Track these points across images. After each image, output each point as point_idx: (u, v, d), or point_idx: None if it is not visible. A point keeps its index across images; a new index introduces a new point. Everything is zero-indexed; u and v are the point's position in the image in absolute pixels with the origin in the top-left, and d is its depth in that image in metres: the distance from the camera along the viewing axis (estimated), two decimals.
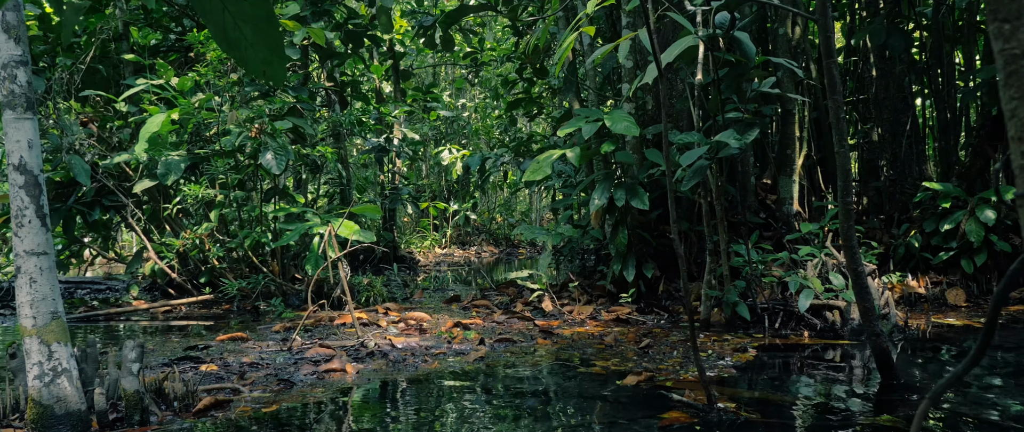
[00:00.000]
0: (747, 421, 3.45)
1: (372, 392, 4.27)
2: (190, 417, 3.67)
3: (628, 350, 5.27)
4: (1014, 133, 1.32)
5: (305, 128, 8.43)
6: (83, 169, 7.67)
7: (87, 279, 10.22)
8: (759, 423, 3.43)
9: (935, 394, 1.67)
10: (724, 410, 3.60)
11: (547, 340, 5.78)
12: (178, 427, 3.52)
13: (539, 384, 4.34)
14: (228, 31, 2.10)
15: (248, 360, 5.05)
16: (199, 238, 8.03)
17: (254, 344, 5.70)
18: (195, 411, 3.72)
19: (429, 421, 3.59)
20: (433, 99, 15.26)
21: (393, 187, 13.70)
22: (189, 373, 4.63)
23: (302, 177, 11.39)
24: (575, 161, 6.89)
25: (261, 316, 7.44)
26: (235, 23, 2.12)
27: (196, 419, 3.64)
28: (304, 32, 8.46)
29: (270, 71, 2.17)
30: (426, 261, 15.47)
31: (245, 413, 3.77)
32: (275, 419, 3.68)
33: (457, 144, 20.36)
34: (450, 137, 21.01)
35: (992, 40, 1.36)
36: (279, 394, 4.17)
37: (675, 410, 3.64)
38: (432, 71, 22.51)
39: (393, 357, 5.16)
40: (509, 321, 6.76)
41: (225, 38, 2.12)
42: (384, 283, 9.29)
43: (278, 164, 7.61)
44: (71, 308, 8.34)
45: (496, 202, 23.63)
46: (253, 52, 2.17)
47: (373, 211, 8.10)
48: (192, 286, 8.52)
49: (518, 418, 3.62)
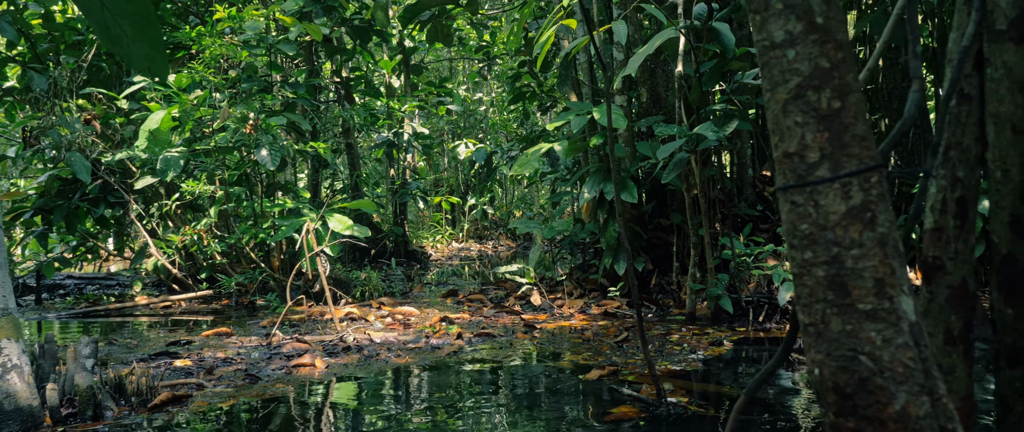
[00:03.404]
0: (694, 415, 3.41)
1: (332, 387, 4.28)
2: (145, 412, 3.71)
3: (604, 344, 5.23)
4: (771, 125, 1.27)
5: (301, 124, 8.48)
6: (84, 166, 7.80)
7: (98, 275, 10.42)
8: (706, 417, 3.38)
9: (750, 390, 1.62)
10: (675, 404, 3.55)
11: (527, 335, 5.76)
12: (130, 422, 3.56)
13: (502, 378, 4.32)
14: (110, 28, 2.10)
15: (224, 355, 5.10)
16: (198, 234, 8.13)
17: (237, 339, 5.75)
18: (151, 406, 3.76)
19: (370, 414, 3.59)
20: (445, 93, 15.27)
21: (403, 182, 13.75)
22: (161, 368, 4.70)
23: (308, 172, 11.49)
24: (563, 155, 6.84)
25: (257, 311, 7.52)
26: (115, 20, 2.12)
27: (151, 414, 3.69)
28: (300, 28, 8.50)
29: (154, 67, 2.17)
30: (440, 255, 15.51)
31: (201, 408, 3.81)
32: (228, 414, 3.71)
33: (474, 138, 20.36)
34: (467, 131, 21.02)
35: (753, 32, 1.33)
36: (241, 389, 4.21)
37: (625, 404, 3.60)
38: (449, 65, 22.50)
39: (368, 352, 5.18)
40: (497, 316, 6.75)
41: (107, 35, 2.13)
42: (383, 278, 9.34)
43: (273, 160, 7.67)
44: (76, 304, 8.51)
45: (514, 196, 23.59)
46: (135, 48, 2.18)
47: (368, 206, 8.12)
48: (194, 282, 8.63)
49: (464, 413, 3.60)
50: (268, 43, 8.28)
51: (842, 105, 1.28)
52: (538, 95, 13.27)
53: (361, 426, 3.47)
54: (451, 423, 3.45)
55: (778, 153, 1.32)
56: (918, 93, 1.53)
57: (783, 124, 1.31)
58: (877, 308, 1.23)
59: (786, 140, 1.31)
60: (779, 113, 1.32)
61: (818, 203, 1.29)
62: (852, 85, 1.30)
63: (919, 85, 1.56)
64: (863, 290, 1.24)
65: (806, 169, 1.30)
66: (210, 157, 7.78)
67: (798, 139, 1.30)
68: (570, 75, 9.16)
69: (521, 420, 3.46)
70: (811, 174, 1.29)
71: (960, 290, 1.69)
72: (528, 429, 3.33)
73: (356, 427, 3.45)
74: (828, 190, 1.27)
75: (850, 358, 1.22)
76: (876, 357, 1.22)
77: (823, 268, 1.27)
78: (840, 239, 1.26)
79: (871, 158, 1.28)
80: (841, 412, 1.27)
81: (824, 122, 1.28)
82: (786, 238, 1.37)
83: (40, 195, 8.33)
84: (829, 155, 1.28)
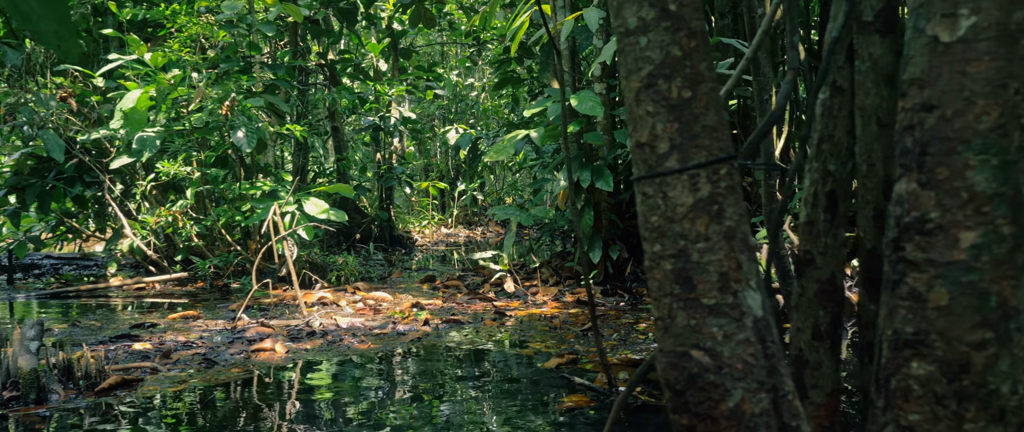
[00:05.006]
0: (645, 404, 3.36)
1: (287, 372, 4.23)
2: (91, 396, 3.65)
3: (570, 332, 5.18)
4: (627, 114, 1.21)
5: (280, 105, 8.39)
6: (58, 145, 7.71)
7: (74, 256, 10.35)
8: (655, 406, 3.33)
9: (625, 394, 1.57)
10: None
11: (495, 321, 5.71)
12: (75, 406, 3.51)
13: (460, 365, 4.27)
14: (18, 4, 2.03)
15: (186, 338, 5.05)
16: (174, 216, 8.05)
17: (203, 322, 5.69)
18: (98, 390, 3.70)
19: (317, 401, 3.54)
20: (434, 78, 15.15)
21: (389, 166, 13.66)
22: (119, 351, 4.64)
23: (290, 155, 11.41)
24: (539, 141, 6.77)
25: (231, 295, 7.45)
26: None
27: (97, 398, 3.63)
28: (280, 7, 8.39)
29: (64, 45, 2.10)
30: (426, 241, 15.44)
31: (150, 392, 3.75)
32: (176, 398, 3.65)
33: (465, 124, 20.26)
34: (459, 117, 20.92)
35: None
36: (195, 373, 4.15)
37: (578, 394, 3.56)
38: (440, 50, 22.34)
39: (331, 337, 5.12)
40: (470, 302, 6.70)
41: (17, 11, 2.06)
42: (362, 262, 9.28)
43: (249, 141, 7.58)
44: (49, 285, 8.44)
45: (505, 183, 23.51)
46: (44, 25, 2.11)
47: (345, 190, 8.05)
48: (170, 264, 8.56)
49: (415, 399, 3.55)
50: (247, 23, 8.17)
51: (693, 95, 1.22)
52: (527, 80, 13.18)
53: (304, 412, 3.41)
54: (389, 410, 3.40)
55: (632, 143, 1.26)
56: (789, 84, 1.47)
57: (636, 113, 1.25)
58: (720, 303, 1.18)
59: (638, 130, 1.25)
60: (632, 102, 1.26)
61: (667, 195, 1.23)
62: (705, 75, 1.24)
63: (792, 75, 1.50)
64: (708, 284, 1.19)
65: (656, 160, 1.24)
66: (185, 138, 7.69)
67: (649, 129, 1.24)
68: (551, 62, 9.07)
69: (469, 409, 3.41)
70: (661, 165, 1.23)
71: (829, 285, 1.64)
72: (475, 418, 3.28)
73: (299, 413, 3.40)
74: (676, 182, 1.22)
75: (680, 354, 1.17)
76: (715, 353, 1.17)
77: (671, 261, 1.22)
78: (687, 232, 1.20)
79: (721, 150, 1.22)
80: (675, 409, 1.22)
81: (674, 112, 1.22)
82: (640, 231, 1.31)
83: (13, 173, 8.25)
84: (678, 146, 1.22)
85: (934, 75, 1.16)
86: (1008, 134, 1.12)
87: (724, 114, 1.23)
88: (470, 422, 3.22)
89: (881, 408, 1.19)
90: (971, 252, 1.12)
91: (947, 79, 1.15)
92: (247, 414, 3.40)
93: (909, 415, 1.15)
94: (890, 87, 1.58)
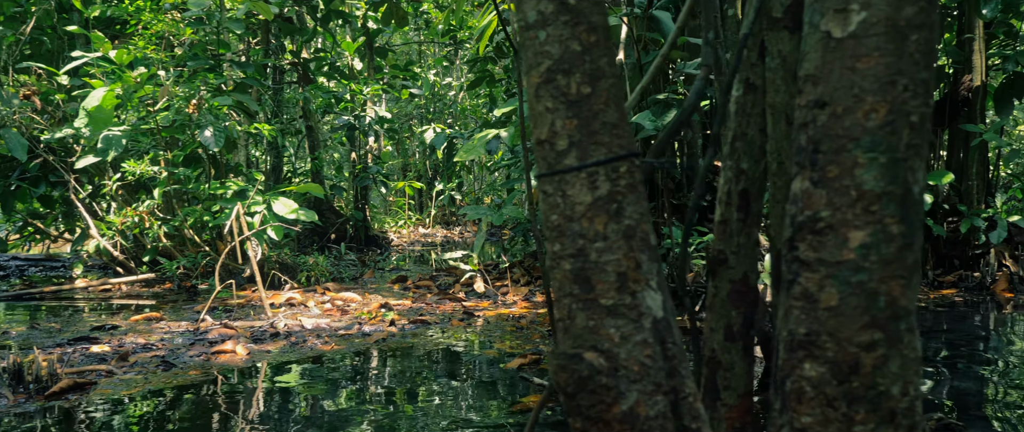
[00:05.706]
0: None
1: (245, 374, 4.18)
2: (42, 400, 3.59)
3: (536, 332, 5.16)
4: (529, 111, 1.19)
5: (250, 104, 8.31)
6: (20, 143, 7.59)
7: (40, 257, 10.21)
8: None
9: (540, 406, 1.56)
10: None
11: (463, 322, 5.68)
12: (24, 410, 3.44)
13: (421, 366, 4.24)
14: None
15: (145, 340, 4.98)
16: (140, 216, 7.95)
17: (165, 324, 5.62)
18: (48, 394, 3.63)
19: (271, 403, 3.50)
20: (410, 77, 15.09)
21: (364, 166, 13.58)
22: (76, 354, 4.57)
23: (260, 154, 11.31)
24: (509, 141, 6.75)
25: (198, 296, 7.37)
26: None
27: (47, 402, 3.57)
28: (248, 4, 8.31)
29: None
30: (402, 241, 15.38)
31: (104, 395, 3.69)
32: (129, 401, 3.60)
33: (443, 124, 20.20)
34: (436, 116, 20.85)
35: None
36: (151, 376, 4.09)
37: (535, 394, 3.54)
38: (417, 49, 22.26)
39: (295, 338, 5.07)
40: (440, 302, 6.66)
41: None
42: (334, 262, 9.22)
43: (216, 141, 7.50)
44: (13, 287, 8.31)
45: (484, 182, 23.47)
46: None
47: (315, 190, 7.99)
48: (137, 265, 8.46)
49: (368, 401, 3.52)
50: (215, 21, 8.09)
51: (592, 91, 1.20)
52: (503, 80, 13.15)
53: (258, 414, 3.37)
54: (342, 413, 3.37)
55: (533, 140, 1.24)
56: (702, 81, 1.45)
57: (536, 109, 1.23)
58: (618, 303, 1.16)
59: (539, 126, 1.23)
60: (533, 98, 1.24)
61: (566, 193, 1.21)
62: (605, 70, 1.22)
63: (705, 73, 1.49)
64: (606, 285, 1.16)
65: (556, 157, 1.22)
66: (151, 137, 7.60)
67: (549, 125, 1.22)
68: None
69: (423, 410, 3.39)
70: (560, 162, 1.21)
71: (741, 285, 1.62)
72: (429, 420, 3.26)
73: (253, 415, 3.36)
74: (575, 179, 1.19)
75: (571, 357, 1.15)
76: (612, 354, 1.15)
77: (570, 261, 1.20)
78: (585, 231, 1.18)
79: (621, 147, 1.20)
80: (569, 412, 1.20)
81: (573, 108, 1.20)
82: (544, 230, 1.29)
83: None
84: (577, 143, 1.20)
85: (826, 71, 1.14)
86: (897, 132, 1.11)
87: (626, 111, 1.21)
88: (421, 426, 3.19)
89: (778, 410, 1.18)
90: (860, 251, 1.11)
91: (838, 75, 1.13)
92: (201, 418, 3.35)
93: (802, 417, 1.13)
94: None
